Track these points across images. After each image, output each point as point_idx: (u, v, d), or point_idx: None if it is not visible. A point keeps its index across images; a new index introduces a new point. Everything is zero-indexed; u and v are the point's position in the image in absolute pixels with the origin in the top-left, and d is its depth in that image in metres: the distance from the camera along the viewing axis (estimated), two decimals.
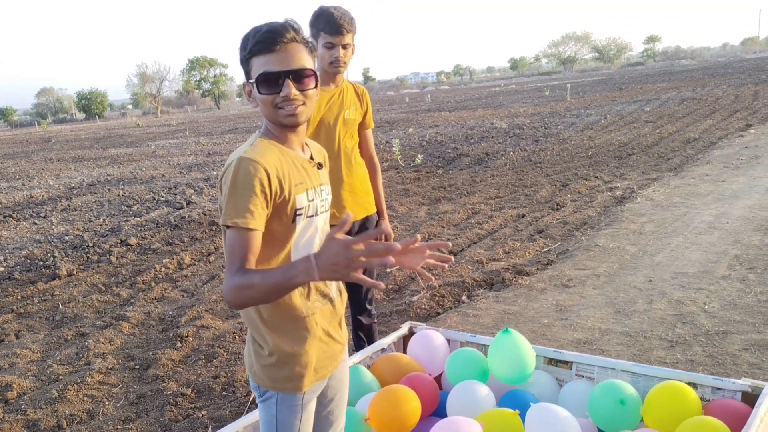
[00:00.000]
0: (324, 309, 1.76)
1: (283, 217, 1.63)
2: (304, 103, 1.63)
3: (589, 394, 2.55)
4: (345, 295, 1.91)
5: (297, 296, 1.70)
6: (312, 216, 1.70)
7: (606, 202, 7.50)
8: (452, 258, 1.86)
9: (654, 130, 13.51)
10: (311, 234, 1.72)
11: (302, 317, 1.70)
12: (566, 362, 2.79)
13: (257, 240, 1.55)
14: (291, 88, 1.58)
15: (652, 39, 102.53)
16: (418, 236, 1.74)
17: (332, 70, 2.94)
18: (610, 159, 10.58)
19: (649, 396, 2.41)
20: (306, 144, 1.79)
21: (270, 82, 1.58)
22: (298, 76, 1.60)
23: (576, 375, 2.76)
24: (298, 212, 1.65)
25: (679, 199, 7.33)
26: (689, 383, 2.46)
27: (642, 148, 11.42)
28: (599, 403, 2.44)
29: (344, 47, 2.89)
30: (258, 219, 1.54)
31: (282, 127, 1.67)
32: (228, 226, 1.53)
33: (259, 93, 1.61)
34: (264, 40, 1.57)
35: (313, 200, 1.70)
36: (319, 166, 1.76)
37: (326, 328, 1.77)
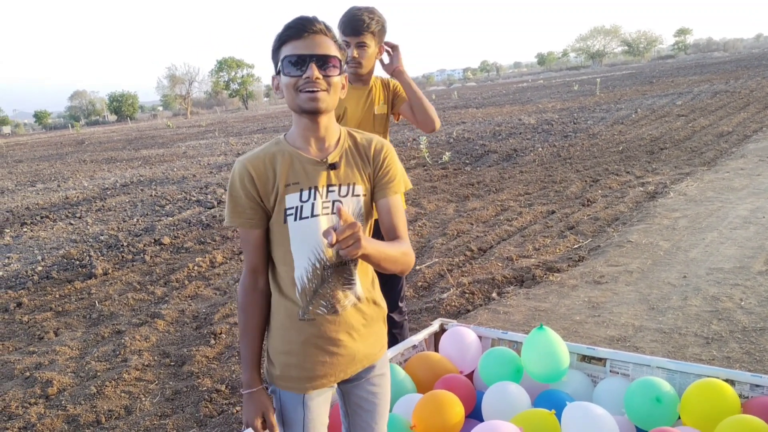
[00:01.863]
0: (330, 317, 1.71)
1: (279, 219, 1.67)
2: (326, 91, 1.63)
3: (624, 391, 2.52)
4: (383, 307, 1.86)
5: (297, 299, 1.70)
6: (307, 218, 1.66)
7: (638, 197, 7.40)
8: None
9: (686, 124, 13.27)
10: (309, 237, 1.67)
11: (298, 320, 1.71)
12: (600, 359, 2.77)
13: (256, 237, 1.69)
14: (314, 71, 1.60)
15: (682, 31, 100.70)
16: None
17: (349, 70, 2.96)
18: (642, 154, 10.43)
19: (686, 393, 2.38)
20: (335, 143, 1.73)
21: (295, 64, 1.61)
22: (323, 61, 1.62)
23: (610, 372, 2.74)
24: (287, 212, 1.65)
25: (713, 193, 7.20)
26: (727, 380, 2.42)
27: (674, 142, 11.23)
28: (635, 401, 2.42)
29: (359, 46, 2.88)
30: (248, 218, 1.67)
31: (303, 115, 1.66)
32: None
33: (283, 75, 1.64)
34: (294, 26, 1.62)
35: (308, 201, 1.66)
36: (332, 166, 1.70)
37: (331, 335, 1.72)
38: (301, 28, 1.62)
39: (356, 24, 2.82)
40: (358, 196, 1.74)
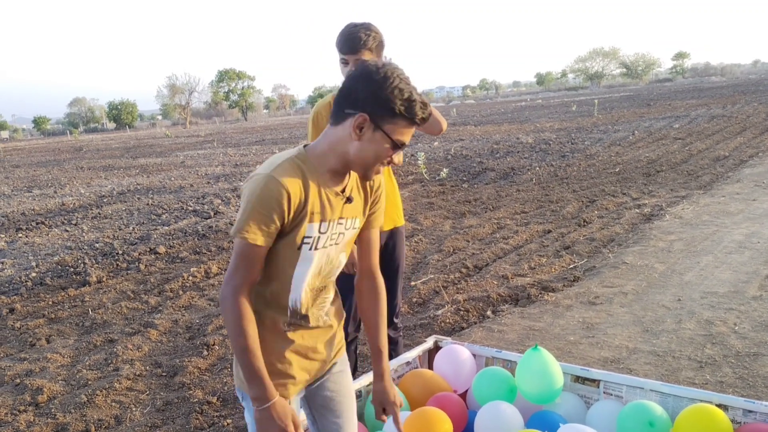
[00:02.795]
0: (311, 329, 1.81)
1: (292, 243, 1.67)
2: None
3: (617, 414, 2.52)
4: (342, 313, 1.97)
5: (285, 313, 1.75)
6: (320, 248, 1.71)
7: (634, 219, 7.43)
8: None
9: (683, 147, 13.36)
10: (315, 265, 1.73)
11: (283, 330, 1.76)
12: (594, 380, 2.77)
13: (262, 256, 1.64)
14: (401, 158, 1.69)
15: (680, 55, 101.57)
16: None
17: None
18: (638, 176, 10.48)
19: (679, 418, 2.38)
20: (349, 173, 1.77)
21: (398, 147, 1.64)
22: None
23: (604, 393, 2.74)
24: (305, 240, 1.67)
25: (709, 217, 7.23)
26: (720, 405, 2.42)
27: (671, 165, 11.29)
28: (628, 425, 2.42)
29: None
30: (267, 238, 1.61)
31: (352, 165, 1.68)
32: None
33: (384, 143, 1.62)
34: (419, 113, 1.62)
35: (325, 233, 1.70)
36: (349, 200, 1.74)
37: (311, 344, 1.82)
38: (421, 116, 1.63)
39: (354, 42, 2.82)
40: (356, 228, 1.83)
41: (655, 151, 13.27)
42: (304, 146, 1.70)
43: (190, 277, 6.46)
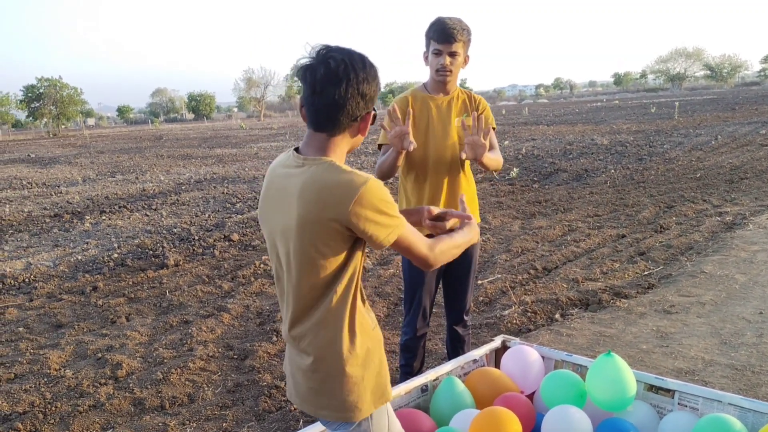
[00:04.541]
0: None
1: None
2: None
3: (692, 426, 2.44)
4: None
5: (368, 307, 1.81)
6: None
7: (714, 227, 7.12)
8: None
9: None
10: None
11: (373, 331, 1.81)
12: (669, 390, 2.68)
13: None
14: None
15: None
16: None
17: (438, 78, 2.96)
18: (720, 182, 10.02)
19: None
20: None
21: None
22: None
23: (678, 405, 2.65)
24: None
25: None
26: None
27: (756, 172, 10.74)
28: None
29: (451, 55, 2.90)
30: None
31: None
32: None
33: None
34: None
35: None
36: None
37: None
38: None
39: (450, 33, 2.84)
40: None
41: (740, 157, 12.65)
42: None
43: (262, 265, 6.63)
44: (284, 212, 1.69)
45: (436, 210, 2.02)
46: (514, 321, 4.73)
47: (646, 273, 5.67)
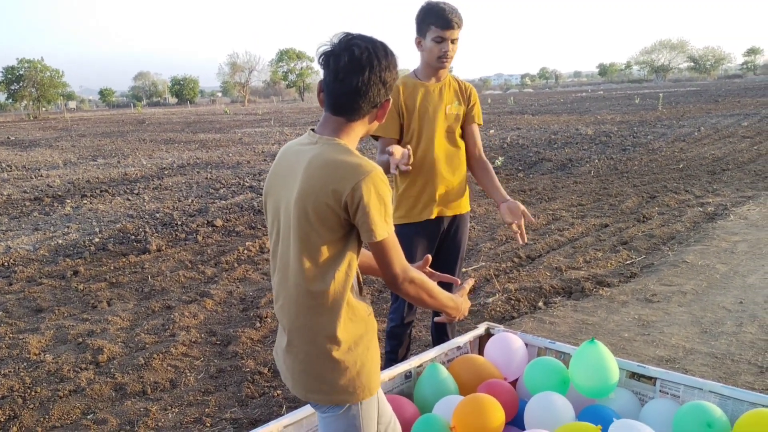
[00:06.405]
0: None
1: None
2: None
3: (673, 413, 2.46)
4: None
5: (358, 293, 1.80)
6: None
7: (696, 217, 7.19)
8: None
9: (751, 146, 12.81)
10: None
11: (368, 315, 1.81)
12: (650, 378, 2.70)
13: None
14: None
15: (753, 51, 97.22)
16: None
17: (439, 65, 2.91)
18: (703, 173, 10.12)
19: (739, 422, 2.30)
20: None
21: None
22: None
23: (660, 392, 2.67)
24: None
25: None
26: None
27: (737, 164, 10.85)
28: (685, 425, 2.35)
29: (453, 42, 2.87)
30: None
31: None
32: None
33: None
34: None
35: None
36: None
37: None
38: None
39: (452, 19, 2.79)
40: None
41: (722, 149, 12.77)
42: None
43: (245, 251, 6.59)
44: (289, 187, 1.69)
45: (428, 268, 2.16)
46: (498, 308, 4.74)
47: (628, 262, 5.72)
